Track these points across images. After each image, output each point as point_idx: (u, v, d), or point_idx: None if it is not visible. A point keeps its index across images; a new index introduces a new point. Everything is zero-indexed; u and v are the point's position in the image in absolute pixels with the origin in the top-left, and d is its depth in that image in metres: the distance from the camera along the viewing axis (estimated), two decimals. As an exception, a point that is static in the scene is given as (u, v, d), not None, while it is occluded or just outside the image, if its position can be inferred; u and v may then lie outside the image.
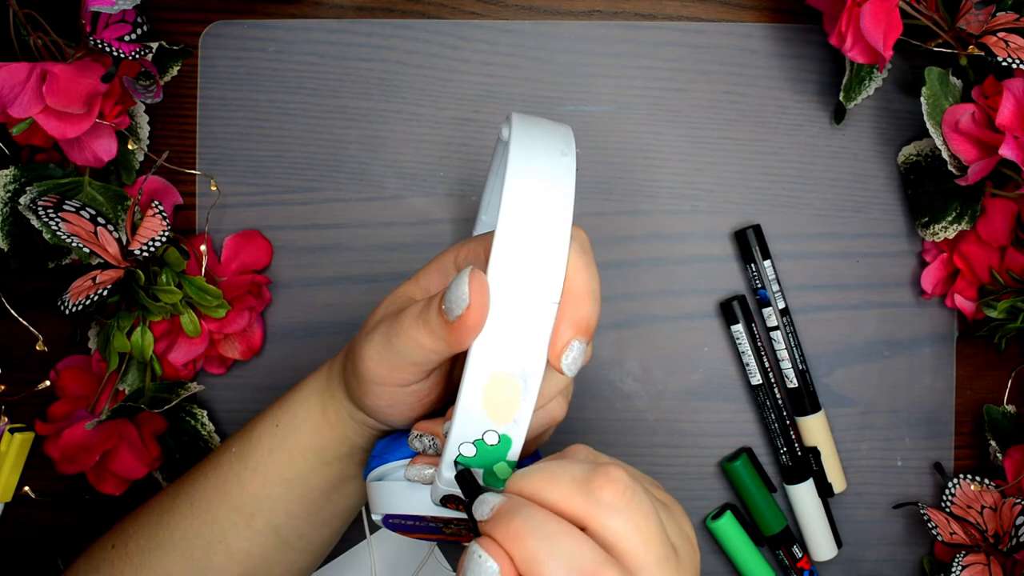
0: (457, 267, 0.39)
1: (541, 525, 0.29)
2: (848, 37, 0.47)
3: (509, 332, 0.32)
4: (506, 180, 0.32)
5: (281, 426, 0.42)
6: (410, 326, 0.34)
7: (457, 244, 0.40)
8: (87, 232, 0.46)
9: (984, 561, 0.48)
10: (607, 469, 0.31)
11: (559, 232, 0.32)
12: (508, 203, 0.32)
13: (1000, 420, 0.53)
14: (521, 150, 0.33)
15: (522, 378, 0.32)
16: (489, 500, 0.31)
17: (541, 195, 0.32)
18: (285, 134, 0.53)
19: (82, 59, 0.45)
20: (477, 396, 0.32)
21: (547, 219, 0.32)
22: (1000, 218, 0.49)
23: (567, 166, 0.34)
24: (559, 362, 0.33)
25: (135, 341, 0.49)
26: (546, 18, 0.53)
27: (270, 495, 0.42)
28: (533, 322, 0.32)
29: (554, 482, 0.31)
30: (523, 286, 0.32)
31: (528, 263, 0.32)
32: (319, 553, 0.46)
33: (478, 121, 0.53)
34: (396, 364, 0.36)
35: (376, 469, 0.39)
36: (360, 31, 0.53)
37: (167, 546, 0.43)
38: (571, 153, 0.34)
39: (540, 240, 0.32)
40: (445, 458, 0.34)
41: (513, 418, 0.33)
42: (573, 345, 0.33)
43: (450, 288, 0.32)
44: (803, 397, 0.53)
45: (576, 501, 0.31)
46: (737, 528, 0.53)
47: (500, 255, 0.32)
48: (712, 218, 0.53)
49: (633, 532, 0.30)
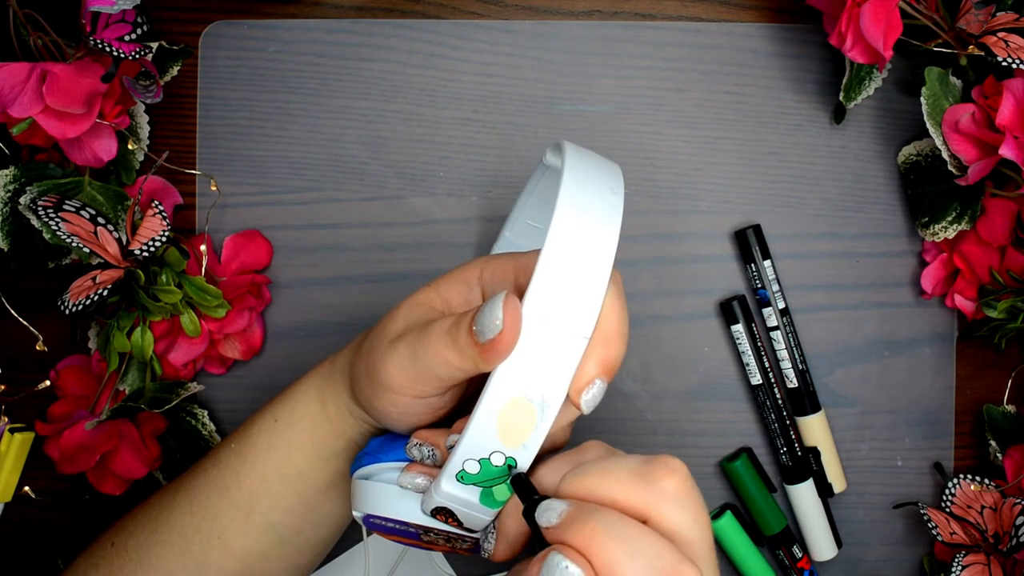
0: (482, 284, 0.39)
1: (617, 527, 0.29)
2: (848, 37, 0.47)
3: (536, 361, 0.32)
4: (556, 211, 0.33)
5: (280, 421, 0.42)
6: (438, 341, 0.34)
7: (483, 259, 0.40)
8: (87, 232, 0.46)
9: (984, 561, 0.48)
10: (666, 460, 0.31)
11: (601, 270, 0.33)
12: (555, 234, 0.32)
13: (1000, 420, 0.53)
14: (572, 183, 0.34)
15: (540, 406, 0.32)
16: (555, 506, 0.31)
17: (588, 231, 0.33)
18: (285, 134, 0.53)
19: (82, 59, 0.45)
20: (492, 417, 0.32)
21: (591, 256, 0.33)
22: (1000, 218, 0.49)
23: (615, 206, 0.34)
24: (579, 397, 0.33)
25: (135, 341, 0.49)
26: (546, 18, 0.53)
27: (268, 491, 0.42)
28: (562, 354, 0.32)
29: (611, 476, 0.31)
30: (558, 318, 0.32)
31: (567, 297, 0.32)
32: (317, 552, 0.46)
33: (478, 121, 0.53)
34: (420, 377, 0.36)
35: (365, 467, 0.39)
36: (360, 31, 0.53)
37: (166, 543, 0.43)
38: (620, 193, 0.35)
39: (582, 275, 0.32)
40: (447, 470, 0.34)
41: (524, 443, 0.33)
42: (595, 383, 0.33)
43: (484, 310, 0.32)
44: (803, 397, 0.53)
45: (639, 493, 0.30)
46: (737, 528, 0.53)
47: (540, 284, 0.32)
48: (712, 218, 0.53)
49: (693, 521, 0.30)
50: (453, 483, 0.34)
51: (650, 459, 0.31)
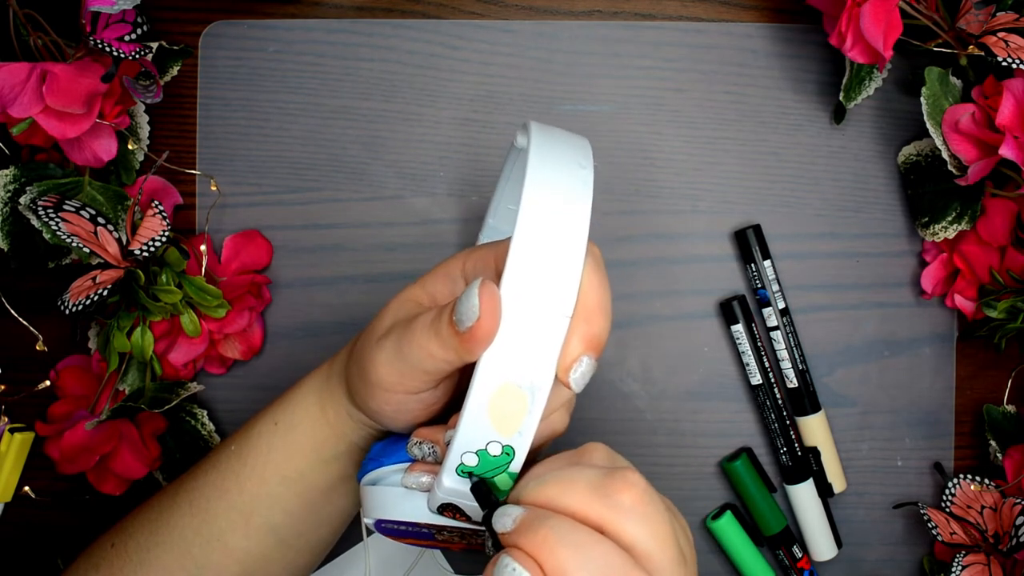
0: (465, 275, 0.39)
1: (569, 534, 0.29)
2: (848, 37, 0.47)
3: (520, 344, 0.32)
4: (523, 192, 0.32)
5: (280, 424, 0.42)
6: (421, 335, 0.34)
7: (465, 251, 0.40)
8: (87, 232, 0.46)
9: (984, 561, 0.48)
10: (624, 473, 0.31)
11: (575, 246, 0.32)
12: (525, 215, 0.32)
13: (1000, 420, 0.53)
14: (539, 161, 0.33)
15: (530, 390, 0.32)
16: (510, 512, 0.31)
17: (558, 208, 0.32)
18: (285, 134, 0.53)
19: (82, 59, 0.45)
20: (483, 406, 0.32)
21: (563, 233, 0.32)
22: (1000, 218, 0.49)
23: (585, 180, 0.34)
24: (567, 376, 0.33)
25: (135, 341, 0.49)
26: (546, 18, 0.53)
27: (268, 493, 0.42)
28: (544, 335, 0.32)
29: (570, 488, 0.31)
30: (536, 299, 0.32)
31: (543, 276, 0.32)
32: (318, 553, 0.46)
33: (478, 121, 0.53)
34: (407, 372, 0.36)
35: (371, 473, 0.39)
36: (360, 31, 0.53)
37: (166, 544, 0.43)
38: (589, 167, 0.34)
39: (556, 253, 0.32)
40: (446, 466, 0.34)
41: (518, 430, 0.33)
42: (583, 360, 0.33)
43: (461, 299, 0.32)
44: (803, 397, 0.53)
45: (594, 506, 0.31)
46: (737, 528, 0.53)
47: (515, 267, 0.32)
48: (712, 218, 0.53)
49: (651, 536, 0.30)
50: (454, 478, 0.34)
51: (610, 472, 0.31)
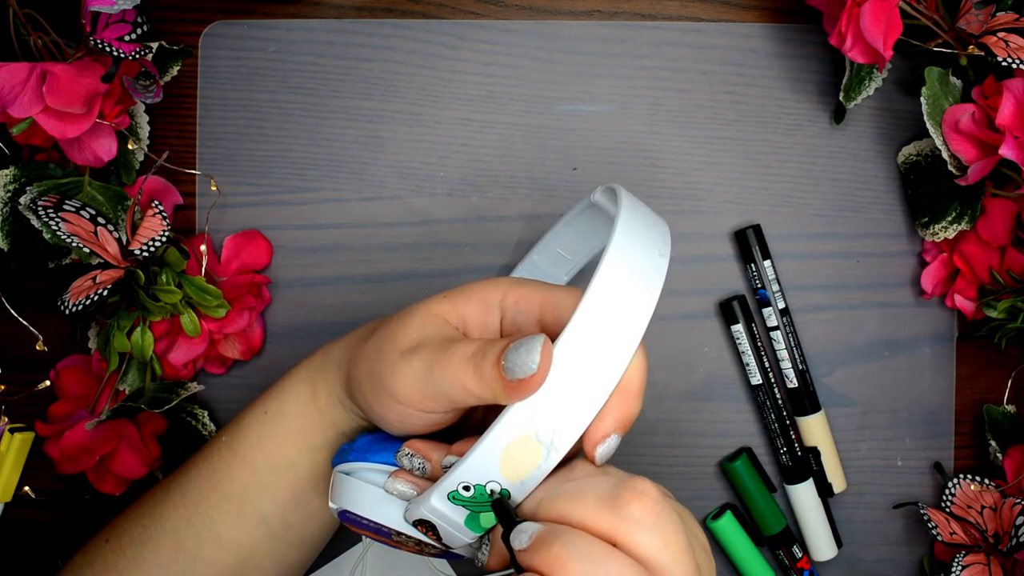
0: (503, 308, 0.38)
1: (583, 549, 0.30)
2: (848, 37, 0.47)
3: (556, 406, 0.32)
4: (604, 262, 0.33)
5: (270, 412, 0.43)
6: (459, 367, 0.34)
7: (506, 281, 0.39)
8: (87, 232, 0.46)
9: (984, 561, 0.48)
10: (634, 483, 0.31)
11: (635, 331, 0.33)
12: (599, 286, 0.33)
13: (1000, 420, 0.53)
14: (626, 239, 0.34)
15: (547, 448, 0.32)
16: (527, 528, 0.31)
17: (631, 291, 0.33)
18: (285, 134, 0.53)
19: (82, 59, 0.45)
20: (499, 448, 0.32)
21: (629, 315, 0.33)
22: (1000, 218, 0.49)
23: (661, 268, 0.34)
24: (594, 450, 0.34)
25: (135, 341, 0.49)
26: (546, 18, 0.53)
27: (258, 483, 0.42)
28: (582, 405, 0.32)
29: (581, 501, 0.31)
30: (586, 370, 0.32)
31: (599, 350, 0.32)
32: (310, 548, 0.46)
33: (478, 121, 0.53)
34: (431, 395, 0.35)
35: (349, 463, 0.39)
36: (360, 31, 0.53)
37: (159, 538, 0.43)
38: (667, 255, 0.35)
39: (617, 333, 0.32)
40: (440, 488, 0.34)
41: (522, 479, 0.33)
42: (611, 437, 0.34)
43: (519, 350, 0.32)
44: (803, 397, 0.53)
45: (604, 518, 0.31)
46: (737, 528, 0.53)
47: (575, 333, 0.32)
48: (712, 218, 0.53)
49: (663, 547, 0.30)
50: (444, 501, 0.34)
51: (621, 482, 0.31)
